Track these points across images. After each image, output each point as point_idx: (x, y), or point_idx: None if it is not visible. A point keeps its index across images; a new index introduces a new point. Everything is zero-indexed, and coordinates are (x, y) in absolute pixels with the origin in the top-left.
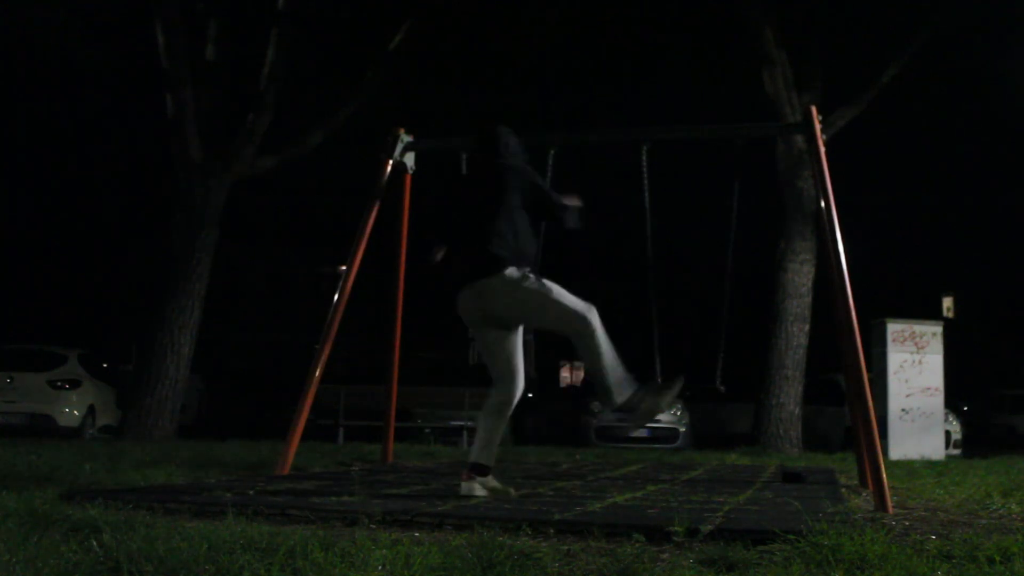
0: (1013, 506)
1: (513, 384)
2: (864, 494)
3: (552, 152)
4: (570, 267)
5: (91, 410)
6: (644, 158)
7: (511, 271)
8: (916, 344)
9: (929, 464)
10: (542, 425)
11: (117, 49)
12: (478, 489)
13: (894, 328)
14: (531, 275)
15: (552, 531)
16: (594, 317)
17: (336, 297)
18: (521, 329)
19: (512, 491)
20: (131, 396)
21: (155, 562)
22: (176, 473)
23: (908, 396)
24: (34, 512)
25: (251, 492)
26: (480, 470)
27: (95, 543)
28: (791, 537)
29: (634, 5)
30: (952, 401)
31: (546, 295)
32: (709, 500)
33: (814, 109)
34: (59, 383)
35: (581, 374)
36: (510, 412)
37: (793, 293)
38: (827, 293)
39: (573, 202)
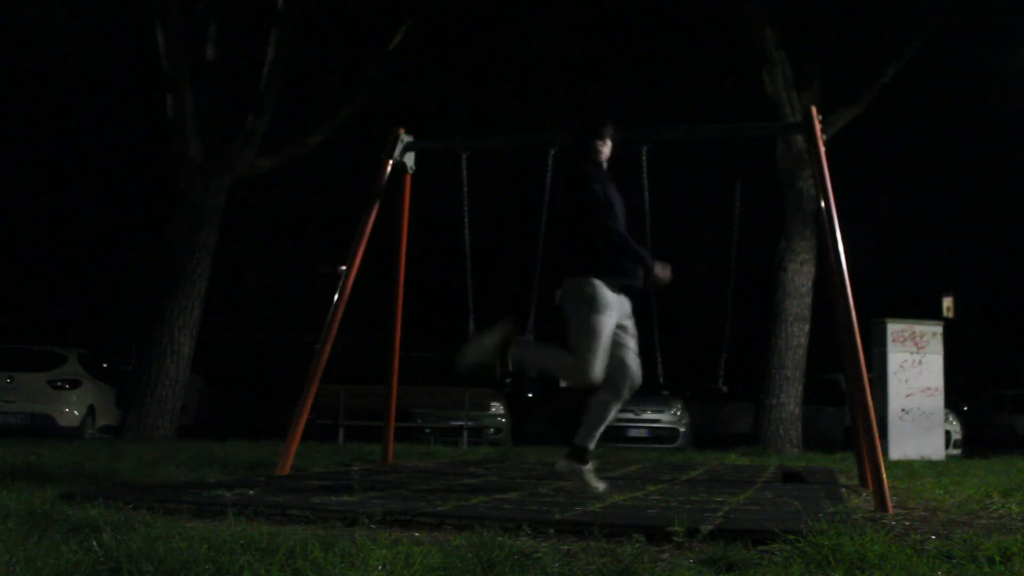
0: (1013, 506)
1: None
2: (864, 494)
3: (552, 152)
4: None
5: (91, 410)
6: (644, 158)
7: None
8: (916, 344)
9: (929, 464)
10: (542, 425)
11: (117, 50)
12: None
13: (894, 328)
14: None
15: (552, 531)
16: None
17: (336, 297)
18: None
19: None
20: (131, 396)
21: (155, 562)
22: (176, 473)
23: (908, 396)
24: (34, 512)
25: (251, 492)
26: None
27: (95, 543)
28: (791, 537)
29: (634, 5)
30: (952, 401)
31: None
32: (709, 500)
33: (814, 109)
34: (59, 383)
35: None
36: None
37: (793, 293)
38: (827, 293)
39: None
